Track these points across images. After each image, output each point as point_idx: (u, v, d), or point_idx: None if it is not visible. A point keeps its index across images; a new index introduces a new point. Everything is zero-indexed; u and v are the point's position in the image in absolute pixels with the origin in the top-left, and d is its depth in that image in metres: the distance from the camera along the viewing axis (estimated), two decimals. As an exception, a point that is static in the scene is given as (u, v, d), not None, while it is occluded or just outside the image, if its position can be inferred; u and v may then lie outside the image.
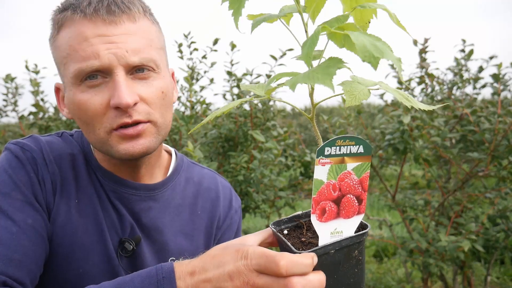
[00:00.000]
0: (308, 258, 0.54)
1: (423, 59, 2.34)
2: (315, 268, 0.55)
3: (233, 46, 2.31)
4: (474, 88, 2.42)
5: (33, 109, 2.55)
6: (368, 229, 0.61)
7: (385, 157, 2.42)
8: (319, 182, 0.57)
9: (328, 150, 0.56)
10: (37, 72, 2.59)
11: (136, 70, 0.70)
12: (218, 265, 0.56)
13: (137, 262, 0.80)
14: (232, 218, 0.93)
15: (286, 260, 0.53)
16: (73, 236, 0.74)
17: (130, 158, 0.73)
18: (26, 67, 2.56)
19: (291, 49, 2.29)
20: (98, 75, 0.68)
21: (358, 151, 0.58)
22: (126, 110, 0.68)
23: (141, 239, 0.80)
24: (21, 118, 2.62)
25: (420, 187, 2.73)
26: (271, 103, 2.33)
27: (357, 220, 0.60)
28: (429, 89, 2.40)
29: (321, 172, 0.56)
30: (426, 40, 2.35)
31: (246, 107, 2.34)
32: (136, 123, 0.70)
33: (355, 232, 0.60)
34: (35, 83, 2.57)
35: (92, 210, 0.77)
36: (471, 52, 2.37)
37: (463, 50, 2.40)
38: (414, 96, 2.36)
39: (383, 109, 2.35)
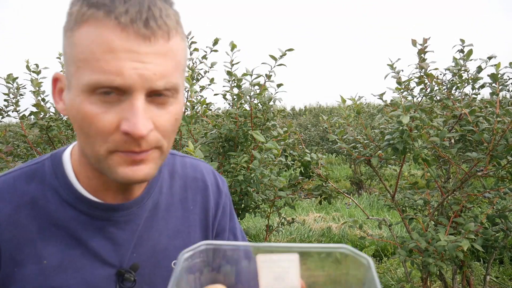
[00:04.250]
0: None
1: (422, 60, 2.35)
2: None
3: (233, 46, 2.32)
4: (473, 88, 2.42)
5: (34, 109, 2.56)
6: None
7: (385, 157, 2.43)
8: None
9: None
10: (38, 73, 2.60)
11: (155, 94, 0.63)
12: None
13: (136, 287, 0.75)
14: (224, 202, 0.90)
15: None
16: None
17: (127, 183, 0.68)
18: (27, 67, 2.57)
19: (291, 49, 2.30)
20: (114, 91, 0.61)
21: None
22: (138, 139, 0.62)
23: (139, 266, 0.74)
24: (22, 118, 2.63)
25: (419, 187, 2.73)
26: (271, 103, 2.34)
27: None
28: (428, 89, 2.41)
29: None
30: (425, 40, 2.35)
31: (246, 107, 2.35)
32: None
33: None
34: (36, 83, 2.58)
35: (68, 262, 0.70)
36: (470, 52, 2.38)
37: (462, 51, 2.41)
38: (413, 96, 2.37)
39: (383, 109, 2.36)
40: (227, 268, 0.62)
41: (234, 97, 2.40)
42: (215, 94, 2.52)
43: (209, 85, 2.57)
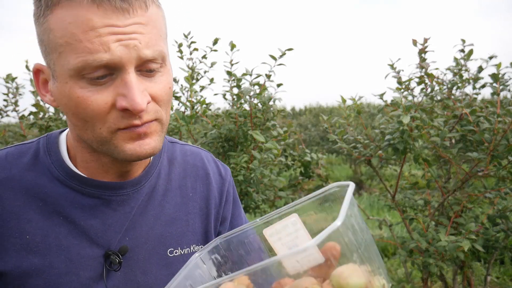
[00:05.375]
0: None
1: (422, 59, 2.35)
2: None
3: (232, 46, 2.32)
4: (474, 88, 2.42)
5: (34, 109, 2.56)
6: None
7: (385, 157, 2.43)
8: None
9: None
10: (37, 72, 2.60)
11: (145, 68, 0.63)
12: None
13: (128, 272, 0.73)
14: (227, 191, 0.87)
15: None
16: (36, 274, 0.67)
17: (136, 160, 0.67)
18: (27, 67, 2.57)
19: (290, 49, 2.29)
20: (103, 71, 0.60)
21: None
22: (138, 113, 0.62)
23: (127, 249, 0.72)
24: (22, 118, 2.62)
25: (420, 187, 2.73)
26: (271, 103, 2.34)
27: None
28: (429, 89, 2.40)
29: None
30: (425, 40, 2.35)
31: (246, 107, 2.35)
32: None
33: None
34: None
35: (53, 239, 0.68)
36: (471, 52, 2.37)
37: (462, 50, 2.41)
38: (413, 96, 2.36)
39: (383, 109, 2.35)
40: (246, 257, 0.61)
41: (234, 97, 2.39)
42: (215, 94, 2.52)
43: (209, 85, 2.56)
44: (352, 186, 0.53)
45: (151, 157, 0.79)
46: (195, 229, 0.80)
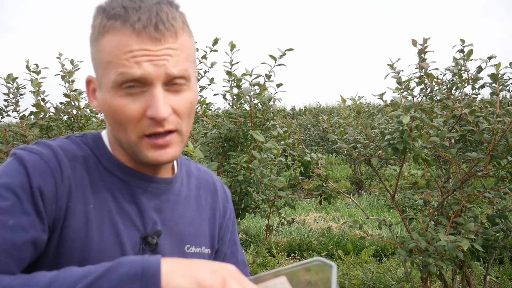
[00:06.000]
0: None
1: (422, 60, 2.35)
2: None
3: (232, 46, 2.32)
4: (473, 88, 2.42)
5: (34, 109, 2.56)
6: None
7: (385, 157, 2.43)
8: None
9: None
10: (38, 73, 2.60)
11: (171, 83, 0.76)
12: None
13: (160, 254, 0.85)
14: (229, 208, 1.03)
15: None
16: (88, 240, 0.78)
17: (156, 165, 0.81)
18: (27, 67, 2.57)
19: (290, 49, 2.30)
20: (136, 85, 0.74)
21: None
22: (161, 121, 0.75)
23: (161, 233, 0.84)
24: (22, 118, 2.63)
25: (419, 187, 2.73)
26: (271, 103, 2.35)
27: None
28: (429, 89, 2.41)
29: None
30: (425, 40, 2.35)
31: (246, 107, 2.35)
32: (167, 132, 0.77)
33: None
34: (36, 83, 2.58)
35: (107, 213, 0.81)
36: (470, 52, 2.38)
37: (462, 51, 2.41)
38: (413, 96, 2.37)
39: (383, 109, 2.36)
40: None
41: (234, 97, 2.40)
42: (215, 94, 2.52)
43: (209, 85, 2.57)
44: (335, 267, 0.67)
45: (176, 167, 0.94)
46: (205, 234, 0.94)
